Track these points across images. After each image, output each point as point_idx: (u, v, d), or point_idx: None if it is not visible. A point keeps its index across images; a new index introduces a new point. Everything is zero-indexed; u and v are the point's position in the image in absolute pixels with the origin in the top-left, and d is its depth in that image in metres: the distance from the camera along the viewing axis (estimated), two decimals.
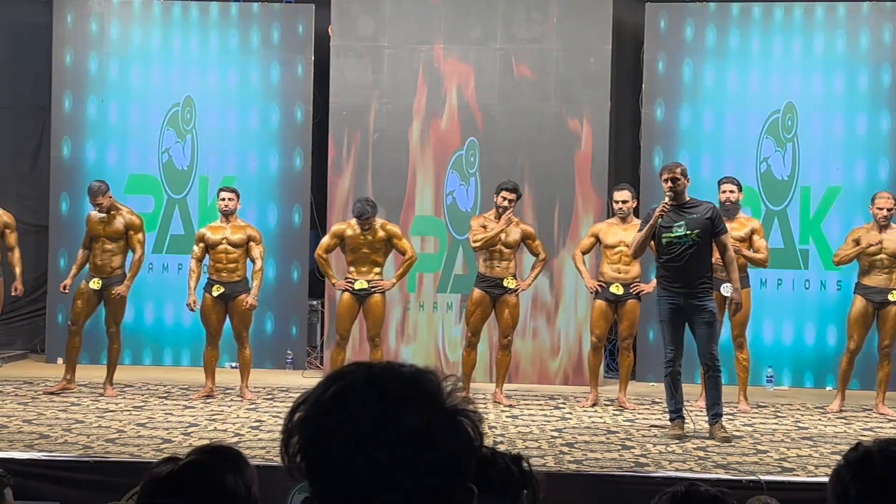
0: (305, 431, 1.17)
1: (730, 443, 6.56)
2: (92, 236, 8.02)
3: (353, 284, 7.87)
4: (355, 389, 1.18)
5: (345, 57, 9.39)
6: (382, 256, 7.95)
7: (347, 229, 7.95)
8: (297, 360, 9.51)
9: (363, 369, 1.21)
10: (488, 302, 7.94)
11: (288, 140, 9.60)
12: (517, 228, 7.93)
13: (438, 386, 1.20)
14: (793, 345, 9.21)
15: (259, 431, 6.69)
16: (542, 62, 9.29)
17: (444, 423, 1.17)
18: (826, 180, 9.22)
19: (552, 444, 6.48)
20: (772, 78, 9.30)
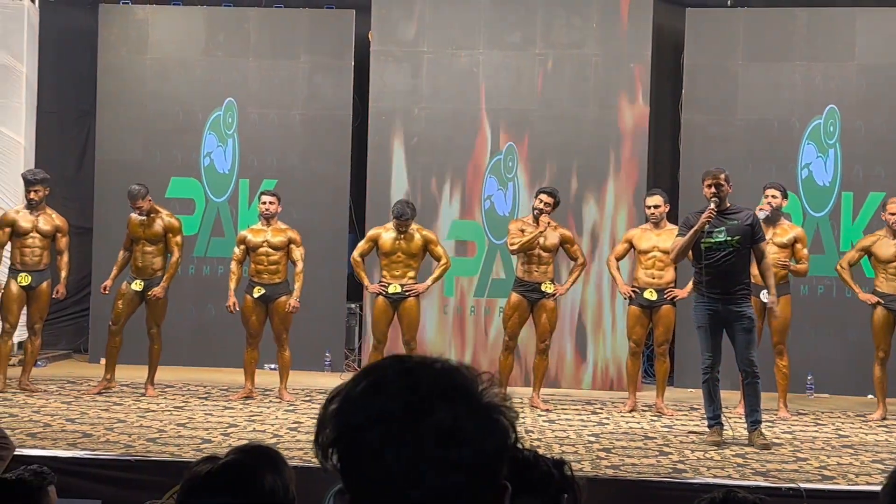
0: (336, 423, 1.17)
1: (769, 450, 6.49)
2: (132, 238, 8.12)
3: (387, 288, 7.89)
4: (386, 382, 1.17)
5: (385, 62, 9.42)
6: (417, 261, 7.97)
7: (383, 233, 7.97)
8: (336, 362, 9.54)
9: (396, 363, 1.20)
10: (526, 306, 7.93)
11: (328, 144, 9.65)
12: (555, 233, 7.91)
13: (471, 382, 1.19)
14: (834, 352, 9.09)
15: (297, 433, 6.72)
16: (581, 67, 9.26)
17: (476, 419, 1.16)
18: (869, 186, 9.10)
19: (589, 449, 6.45)
20: (813, 83, 9.20)
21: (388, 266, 7.94)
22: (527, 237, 7.78)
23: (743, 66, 9.28)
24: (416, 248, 7.94)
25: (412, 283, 7.93)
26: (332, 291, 9.53)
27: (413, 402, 1.15)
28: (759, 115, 9.24)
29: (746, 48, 9.28)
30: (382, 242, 7.95)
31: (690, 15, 9.34)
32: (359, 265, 8.03)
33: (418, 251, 7.95)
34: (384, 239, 7.95)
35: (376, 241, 8.00)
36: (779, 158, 9.15)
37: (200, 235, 9.70)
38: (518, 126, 9.29)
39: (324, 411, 1.20)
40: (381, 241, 7.96)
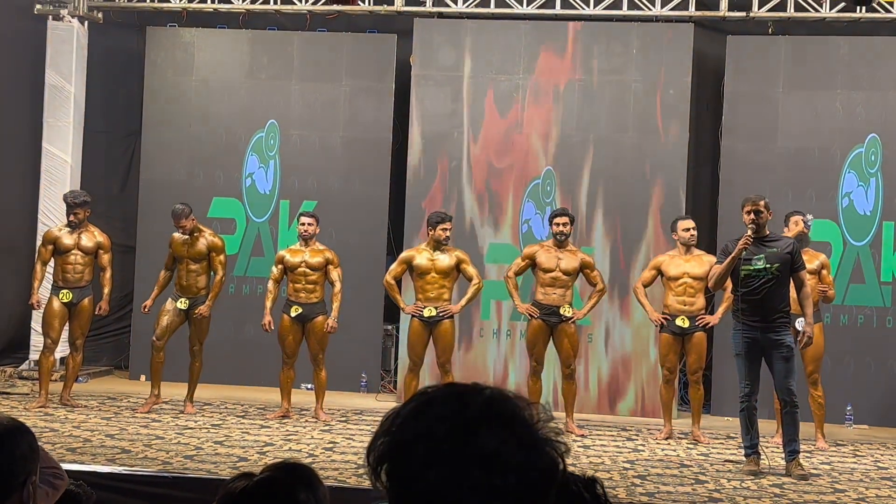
0: (386, 440, 1.19)
1: (807, 481, 6.39)
2: (175, 257, 8.20)
3: (423, 311, 7.89)
4: (435, 405, 1.19)
5: (426, 86, 9.47)
6: (451, 281, 7.96)
7: (416, 255, 7.99)
8: (372, 383, 9.54)
9: (447, 388, 1.22)
10: (546, 330, 7.89)
11: (368, 166, 9.70)
12: (575, 257, 7.87)
13: (521, 411, 1.19)
14: (874, 382, 8.95)
15: (332, 453, 6.73)
16: (621, 93, 9.25)
17: (522, 448, 1.16)
18: None
19: (624, 476, 6.39)
20: (855, 111, 9.11)
21: (423, 287, 7.95)
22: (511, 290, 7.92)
23: (784, 94, 9.22)
24: (449, 267, 7.94)
25: (447, 304, 7.93)
26: (369, 312, 9.54)
27: (459, 424, 1.16)
28: (799, 143, 9.17)
29: (787, 76, 9.23)
30: (416, 264, 7.96)
31: (731, 42, 9.30)
32: (392, 288, 8.03)
33: (451, 270, 7.95)
34: (418, 261, 7.96)
35: (410, 262, 8.01)
36: (819, 187, 9.07)
37: (241, 255, 9.78)
38: (557, 151, 9.29)
39: (379, 428, 1.22)
40: (414, 263, 7.97)
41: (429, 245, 7.97)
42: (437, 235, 7.89)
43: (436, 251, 7.93)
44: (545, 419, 1.20)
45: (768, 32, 9.44)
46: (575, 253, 7.90)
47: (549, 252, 7.87)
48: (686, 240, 7.79)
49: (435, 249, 7.93)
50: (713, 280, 6.75)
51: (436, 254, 7.93)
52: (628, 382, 9.07)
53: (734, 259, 6.49)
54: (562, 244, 7.87)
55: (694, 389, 7.86)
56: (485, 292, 9.24)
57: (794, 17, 9.36)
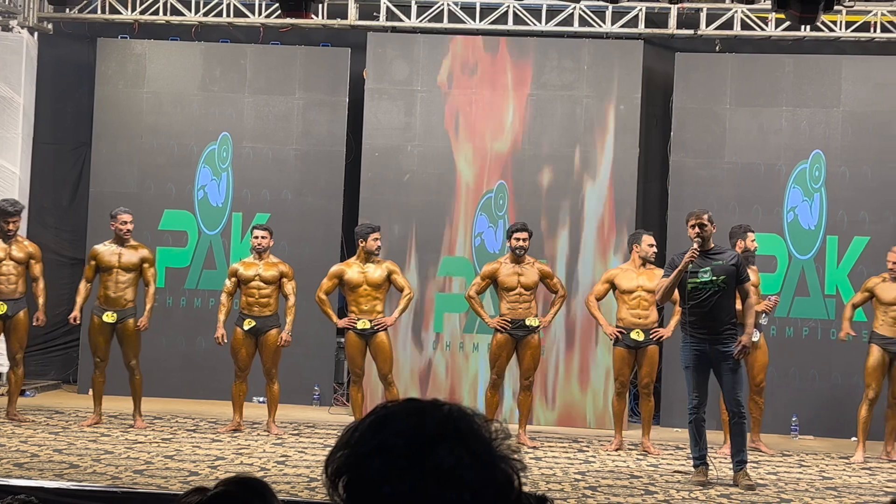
0: (344, 454, 1.19)
1: (754, 491, 6.49)
2: (102, 269, 8.00)
3: (356, 324, 7.89)
4: (394, 420, 1.20)
5: (378, 99, 9.50)
6: (383, 293, 7.96)
7: (347, 270, 7.98)
8: (325, 396, 9.51)
9: (408, 402, 1.23)
10: (512, 343, 7.95)
11: (321, 179, 9.69)
12: (534, 269, 7.94)
13: (478, 427, 1.20)
14: (819, 394, 9.11)
15: (285, 466, 6.69)
16: (572, 108, 9.35)
17: (479, 465, 1.17)
18: (853, 230, 9.17)
19: (575, 487, 6.44)
20: (800, 128, 9.30)
21: (356, 301, 7.94)
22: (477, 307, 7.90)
23: (731, 110, 9.38)
24: (381, 279, 7.94)
25: (380, 316, 7.93)
26: (322, 325, 9.50)
27: (418, 439, 1.17)
28: (746, 158, 9.33)
29: (734, 93, 9.39)
30: (348, 278, 7.95)
31: (680, 59, 9.45)
32: (324, 303, 8.00)
33: (383, 282, 7.95)
34: (349, 275, 7.95)
35: (341, 277, 8.00)
36: (765, 202, 9.23)
37: (192, 268, 9.70)
38: (509, 165, 9.36)
39: (337, 441, 1.22)
40: (345, 277, 7.96)
41: (359, 258, 7.97)
42: (368, 246, 7.90)
43: (367, 263, 7.93)
44: (503, 436, 1.21)
45: (715, 50, 9.61)
46: (532, 265, 7.96)
47: (508, 268, 7.91)
48: (649, 255, 7.86)
49: (366, 262, 7.94)
50: (660, 293, 6.86)
51: (367, 266, 7.93)
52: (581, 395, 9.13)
53: (680, 272, 6.59)
54: (520, 259, 7.92)
55: (645, 401, 7.95)
56: (438, 305, 9.29)
57: (741, 36, 9.54)
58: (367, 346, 7.96)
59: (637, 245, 7.91)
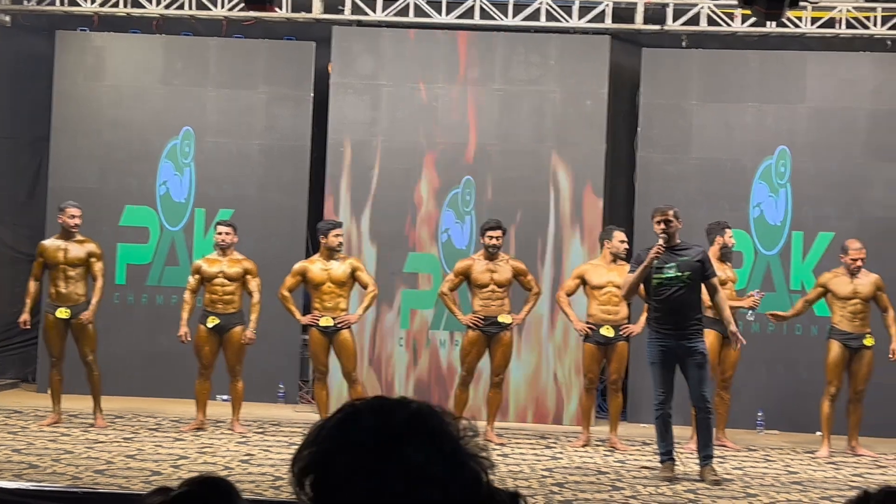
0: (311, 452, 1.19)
1: (720, 486, 6.54)
2: (49, 265, 7.89)
3: (319, 321, 7.86)
4: (361, 417, 1.19)
5: (344, 94, 9.45)
6: (347, 290, 7.94)
7: (310, 267, 7.95)
8: (290, 394, 9.47)
9: (375, 400, 1.22)
10: (484, 341, 7.95)
11: (286, 174, 9.63)
12: (507, 266, 7.94)
13: (446, 425, 1.20)
14: (784, 389, 9.20)
15: (249, 465, 6.65)
16: (539, 103, 9.36)
17: (447, 462, 1.17)
18: (818, 226, 9.26)
19: (542, 484, 6.45)
20: (765, 124, 9.37)
21: (319, 298, 7.91)
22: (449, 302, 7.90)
23: (697, 106, 9.43)
24: (344, 276, 7.91)
25: (344, 314, 7.90)
26: (287, 322, 9.43)
27: (385, 437, 1.16)
28: (712, 154, 9.39)
29: (700, 89, 9.44)
30: (311, 276, 7.91)
31: (647, 55, 9.49)
32: (287, 300, 7.96)
33: (347, 279, 7.92)
34: (312, 272, 7.92)
35: (304, 274, 7.97)
36: (731, 197, 9.30)
37: (154, 264, 9.60)
38: (476, 160, 9.35)
39: (304, 439, 1.22)
40: (308, 275, 7.93)
41: (322, 255, 7.94)
42: (329, 243, 7.87)
43: (330, 260, 7.90)
44: (471, 434, 1.20)
45: (682, 45, 9.66)
46: (507, 262, 7.95)
47: (482, 265, 7.90)
48: (620, 251, 7.87)
49: (329, 259, 7.91)
50: (625, 289, 6.89)
51: (330, 263, 7.90)
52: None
53: (646, 268, 6.62)
54: (493, 256, 7.91)
55: (613, 397, 7.98)
56: (405, 302, 9.26)
57: (707, 31, 9.59)
58: (330, 344, 7.92)
59: (608, 241, 7.93)
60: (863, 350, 7.84)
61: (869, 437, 8.19)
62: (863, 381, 7.89)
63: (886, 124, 9.26)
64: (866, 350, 7.85)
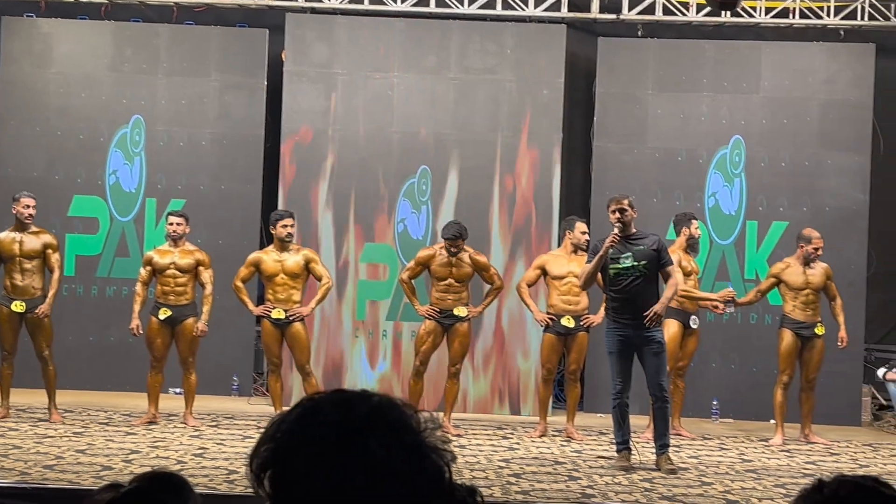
0: (270, 447, 1.18)
1: (675, 474, 6.61)
2: (4, 258, 7.78)
3: (271, 313, 7.84)
4: (321, 411, 1.18)
5: (298, 82, 9.39)
6: (301, 282, 7.92)
7: (263, 258, 7.92)
8: (244, 386, 9.42)
9: (335, 393, 1.21)
10: (440, 332, 7.96)
11: (239, 164, 9.56)
12: (469, 261, 7.94)
13: (407, 418, 1.19)
14: (739, 377, 9.32)
15: (202, 459, 6.61)
16: (495, 93, 9.37)
17: (408, 456, 1.16)
18: (772, 215, 9.39)
19: (499, 475, 6.48)
20: (720, 113, 9.47)
21: (272, 290, 7.89)
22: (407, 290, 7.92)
23: (653, 95, 9.51)
24: (298, 267, 7.89)
25: (297, 306, 7.89)
26: (241, 314, 9.38)
27: (345, 430, 1.16)
28: (668, 144, 9.47)
29: (656, 78, 9.52)
30: (264, 267, 7.89)
31: (602, 44, 9.54)
32: (240, 291, 7.93)
33: (301, 271, 7.90)
34: (265, 263, 7.89)
35: (258, 265, 7.93)
36: (687, 187, 9.39)
37: (104, 256, 9.49)
38: (432, 150, 9.35)
39: (263, 434, 1.21)
40: (263, 265, 7.90)
41: (276, 246, 7.91)
42: (278, 233, 7.85)
43: (283, 251, 7.87)
44: (433, 427, 1.21)
45: (638, 35, 9.72)
46: (468, 256, 7.94)
47: (443, 258, 7.90)
48: (581, 242, 7.90)
49: (282, 250, 7.88)
50: (582, 279, 6.93)
51: (283, 254, 7.88)
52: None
53: (602, 258, 6.65)
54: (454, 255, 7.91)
55: (571, 387, 8.02)
56: (361, 293, 9.25)
57: (663, 21, 9.67)
58: (283, 336, 7.89)
59: (570, 231, 7.95)
60: (814, 339, 7.97)
61: (821, 424, 8.34)
62: (814, 370, 8.03)
63: (839, 114, 9.40)
64: (818, 339, 7.98)
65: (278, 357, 7.93)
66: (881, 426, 9.19)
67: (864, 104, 9.36)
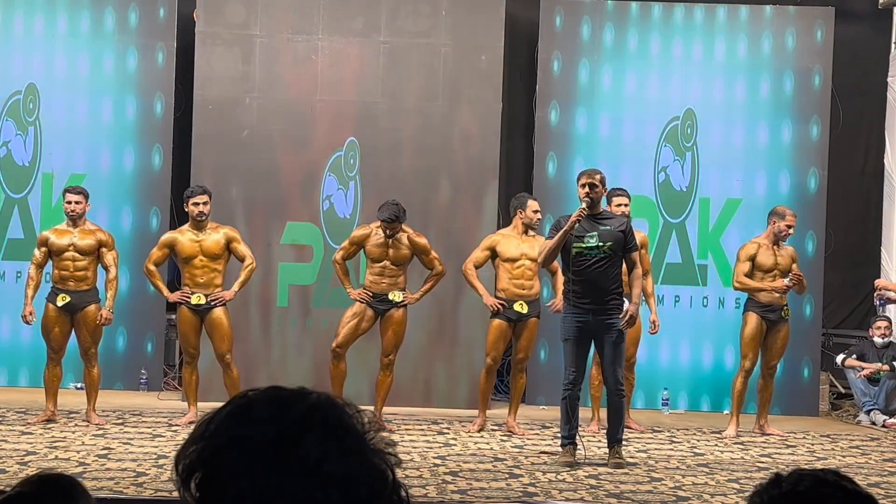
0: (198, 448, 1.17)
1: (623, 469, 6.65)
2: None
3: (190, 299, 7.73)
4: (254, 409, 1.18)
5: (212, 45, 9.23)
6: (221, 264, 7.83)
7: (179, 238, 7.82)
8: (153, 380, 9.30)
9: (270, 391, 1.21)
10: (371, 317, 7.87)
11: (145, 135, 9.39)
12: (408, 243, 7.85)
13: (348, 418, 1.19)
14: (690, 365, 9.43)
15: (107, 460, 6.49)
16: (429, 58, 9.31)
17: (348, 459, 1.16)
18: (726, 192, 9.49)
19: (434, 473, 6.46)
20: (671, 82, 9.53)
21: (190, 273, 7.80)
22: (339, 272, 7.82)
23: (599, 61, 9.52)
24: (218, 248, 7.79)
25: (218, 290, 7.78)
26: (149, 300, 9.26)
27: (280, 431, 1.16)
28: (614, 114, 9.50)
29: (603, 43, 9.51)
30: (180, 248, 7.78)
31: (546, 5, 9.52)
32: (153, 275, 7.85)
33: (221, 251, 7.81)
34: (181, 243, 7.77)
35: (173, 246, 7.82)
36: (635, 161, 9.43)
37: None
38: (360, 120, 9.26)
39: (191, 434, 1.20)
40: (178, 247, 7.79)
41: (191, 225, 7.82)
42: (190, 211, 7.75)
43: (201, 231, 7.77)
44: (376, 428, 1.21)
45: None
46: (407, 238, 7.85)
47: (379, 238, 7.80)
48: (534, 221, 7.85)
49: (199, 229, 7.77)
50: (542, 255, 6.86)
51: (201, 234, 7.76)
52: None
53: (566, 233, 6.62)
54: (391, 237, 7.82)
55: (517, 377, 7.98)
56: (282, 277, 9.14)
57: None
58: (202, 324, 7.79)
59: (521, 210, 7.88)
60: (780, 323, 8.06)
61: (776, 415, 8.47)
62: (777, 356, 8.13)
63: (795, 83, 9.52)
64: (783, 323, 8.07)
65: (195, 347, 7.83)
66: (839, 416, 9.36)
67: (823, 73, 9.50)
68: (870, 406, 8.99)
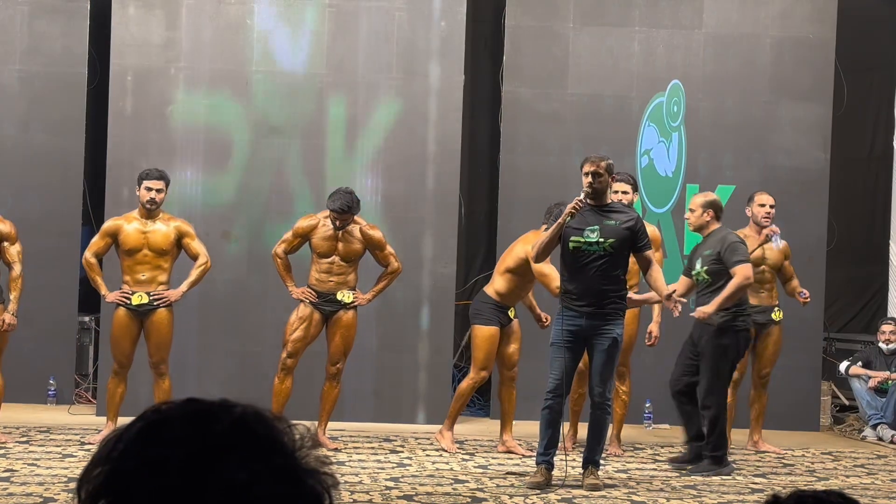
0: (104, 470, 1.17)
1: (600, 492, 6.72)
2: None
3: (130, 298, 7.71)
4: (169, 426, 1.18)
5: (130, 7, 9.20)
6: (169, 261, 7.83)
7: (124, 226, 7.80)
8: (63, 392, 9.27)
9: (187, 403, 1.21)
10: (318, 320, 7.88)
11: (55, 110, 9.35)
12: (360, 236, 7.85)
13: (278, 434, 1.19)
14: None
15: (10, 484, 6.48)
16: (382, 25, 9.33)
17: (278, 481, 1.16)
18: (716, 178, 9.57)
19: (386, 497, 6.50)
20: (655, 52, 9.60)
21: (132, 268, 7.78)
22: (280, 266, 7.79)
23: (574, 30, 9.58)
24: (167, 241, 7.77)
25: (163, 289, 7.78)
26: (60, 301, 9.23)
27: (200, 450, 1.15)
28: (592, 89, 9.57)
29: (579, 10, 9.58)
30: (124, 238, 7.76)
31: None
32: (92, 268, 7.81)
33: (169, 247, 7.80)
34: (126, 233, 7.75)
35: (116, 235, 7.80)
36: (615, 142, 9.48)
37: None
38: (304, 93, 9.26)
39: (96, 454, 1.19)
40: (122, 236, 7.77)
41: (140, 213, 7.79)
42: (140, 197, 7.73)
43: (150, 220, 7.75)
44: (310, 445, 1.21)
45: None
46: (360, 231, 7.84)
47: (327, 230, 7.79)
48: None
49: (147, 218, 7.76)
50: (536, 249, 6.86)
51: (150, 224, 7.75)
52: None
53: (561, 225, 6.62)
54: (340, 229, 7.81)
55: (509, 389, 7.95)
56: None
57: None
58: (140, 328, 7.79)
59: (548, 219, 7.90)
60: (770, 326, 8.17)
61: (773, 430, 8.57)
62: (769, 363, 8.23)
63: (795, 55, 9.63)
64: (774, 326, 8.18)
65: (128, 356, 7.82)
66: (843, 431, 9.49)
67: (826, 44, 9.61)
68: (876, 420, 9.13)
